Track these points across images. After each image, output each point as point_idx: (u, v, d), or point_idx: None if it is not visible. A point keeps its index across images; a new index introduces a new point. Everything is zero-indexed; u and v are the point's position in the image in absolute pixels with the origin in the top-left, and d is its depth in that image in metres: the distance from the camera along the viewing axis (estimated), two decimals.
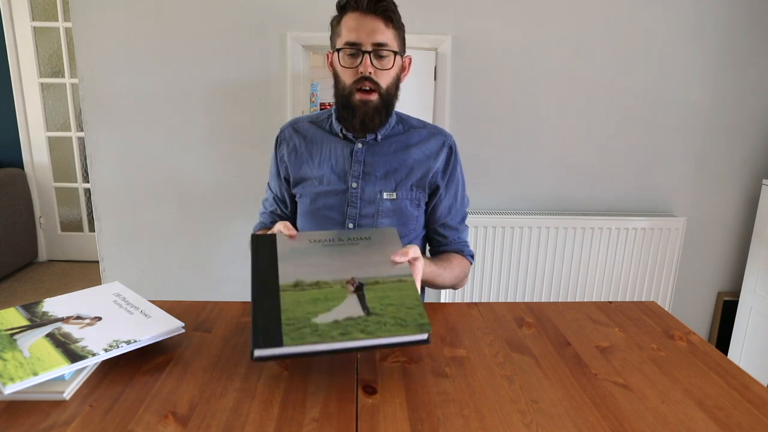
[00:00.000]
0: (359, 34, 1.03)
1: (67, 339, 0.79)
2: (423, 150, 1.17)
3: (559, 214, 2.02)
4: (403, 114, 1.21)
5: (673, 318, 1.05)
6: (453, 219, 1.22)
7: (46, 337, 0.80)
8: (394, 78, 1.10)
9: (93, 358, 0.76)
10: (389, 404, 0.73)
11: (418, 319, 0.76)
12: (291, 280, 0.81)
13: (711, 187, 2.10)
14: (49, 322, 0.84)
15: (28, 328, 0.82)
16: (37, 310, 0.88)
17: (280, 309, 0.76)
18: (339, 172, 1.16)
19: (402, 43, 1.11)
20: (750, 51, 1.97)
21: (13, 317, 0.85)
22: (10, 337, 0.79)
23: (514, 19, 1.90)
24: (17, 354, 0.75)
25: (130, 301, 0.93)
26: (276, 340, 0.71)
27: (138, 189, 2.00)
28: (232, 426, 0.67)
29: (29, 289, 2.95)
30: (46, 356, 0.75)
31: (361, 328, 0.74)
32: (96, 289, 0.97)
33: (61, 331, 0.82)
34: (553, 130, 2.01)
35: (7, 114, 3.15)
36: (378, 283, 0.82)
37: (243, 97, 1.93)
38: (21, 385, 0.70)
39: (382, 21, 1.04)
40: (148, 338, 0.83)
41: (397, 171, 1.16)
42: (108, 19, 1.85)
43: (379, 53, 1.05)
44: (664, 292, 2.09)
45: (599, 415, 0.71)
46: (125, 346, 0.80)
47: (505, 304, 1.08)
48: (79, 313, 0.88)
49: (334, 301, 0.78)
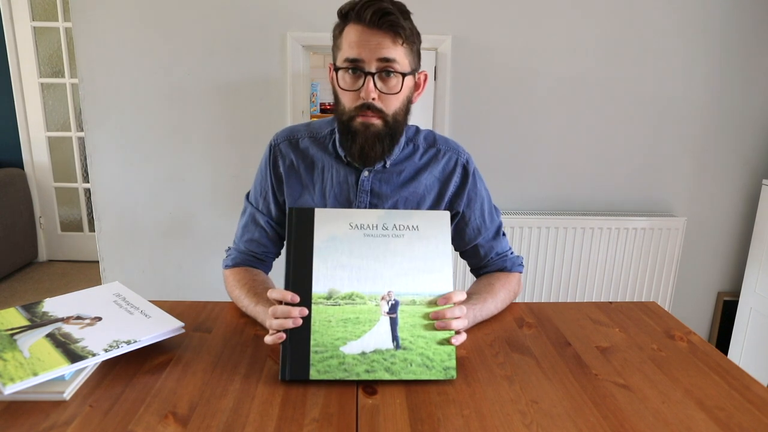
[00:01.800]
0: (362, 51, 0.89)
1: (67, 339, 0.79)
2: (434, 173, 1.05)
3: (559, 214, 2.02)
4: (410, 129, 1.07)
5: (673, 318, 1.04)
6: (485, 237, 1.10)
7: (46, 337, 0.80)
8: (403, 101, 0.95)
9: (93, 358, 0.76)
10: (389, 404, 0.73)
11: (445, 361, 0.77)
12: (325, 289, 0.80)
13: (711, 187, 2.10)
14: (49, 323, 0.84)
15: (28, 328, 0.82)
16: (37, 311, 0.88)
17: (310, 330, 0.77)
18: (343, 203, 1.03)
19: (416, 59, 0.96)
20: (750, 51, 1.97)
21: (13, 317, 0.85)
22: (10, 337, 0.79)
23: (514, 20, 1.90)
24: (17, 354, 0.75)
25: (130, 301, 0.93)
26: (303, 372, 0.76)
27: (138, 189, 1.99)
28: (232, 426, 0.67)
29: (29, 289, 2.95)
30: (47, 356, 0.75)
31: (386, 366, 0.76)
32: (96, 290, 0.97)
33: (61, 331, 0.82)
34: (553, 130, 2.01)
35: (7, 114, 3.15)
36: (414, 303, 0.80)
37: (243, 97, 1.93)
38: (21, 386, 0.70)
39: (390, 37, 0.89)
40: (148, 338, 0.83)
41: (408, 200, 1.04)
42: (108, 19, 1.85)
43: (385, 72, 0.90)
44: (664, 292, 2.09)
45: (599, 416, 0.71)
46: (125, 347, 0.79)
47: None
48: (79, 313, 0.88)
49: (366, 324, 0.78)
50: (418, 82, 1.00)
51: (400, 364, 0.76)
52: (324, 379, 0.75)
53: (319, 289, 0.79)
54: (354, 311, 0.79)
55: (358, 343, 0.77)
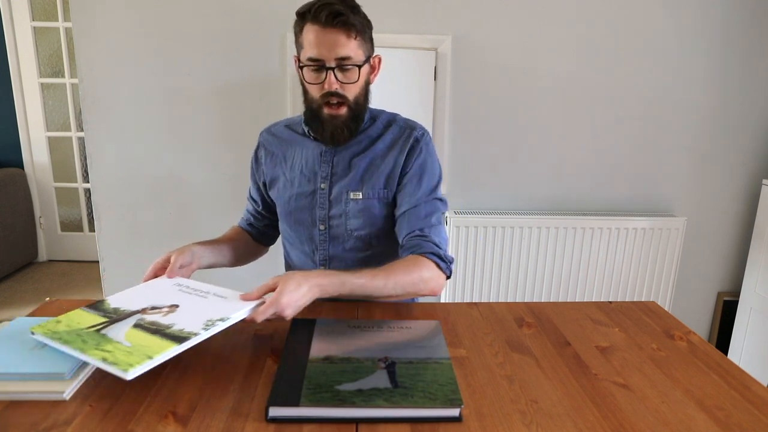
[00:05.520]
0: (321, 50, 1.00)
1: (157, 326, 0.79)
2: (387, 144, 1.13)
3: (559, 214, 2.02)
4: (375, 109, 1.17)
5: (673, 318, 1.05)
6: (415, 212, 1.08)
7: (134, 327, 0.79)
8: (362, 86, 1.07)
9: (197, 337, 0.76)
10: None
11: (449, 395, 0.71)
12: (321, 354, 0.81)
13: (711, 187, 2.10)
14: (127, 315, 0.83)
15: (110, 323, 0.81)
16: (106, 308, 0.87)
17: (304, 376, 0.75)
18: (309, 174, 1.15)
19: (369, 46, 1.07)
20: (750, 51, 1.97)
21: (86, 317, 0.83)
22: (97, 332, 0.78)
23: (514, 19, 1.90)
24: (117, 345, 0.74)
25: (196, 288, 0.93)
26: (293, 400, 0.69)
27: (138, 189, 1.99)
28: (232, 426, 0.67)
29: (29, 289, 2.95)
30: (150, 342, 0.74)
31: (385, 398, 0.70)
32: (153, 283, 0.97)
33: (145, 321, 0.81)
34: (553, 130, 2.01)
35: (7, 114, 3.15)
36: (412, 363, 0.79)
37: (243, 97, 1.93)
38: (141, 369, 0.69)
39: (344, 33, 1.00)
40: (239, 314, 0.83)
41: (365, 170, 1.12)
42: (108, 19, 1.85)
43: (343, 67, 1.02)
44: (664, 292, 2.09)
45: (599, 415, 0.71)
46: (221, 324, 0.80)
47: (505, 304, 1.08)
48: (152, 304, 0.87)
49: (363, 373, 0.75)
50: (374, 65, 1.12)
51: (400, 397, 0.70)
52: (315, 406, 0.68)
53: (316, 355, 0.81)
54: (351, 366, 0.78)
55: (355, 383, 0.73)
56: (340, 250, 1.16)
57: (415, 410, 0.69)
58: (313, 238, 1.17)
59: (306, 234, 1.18)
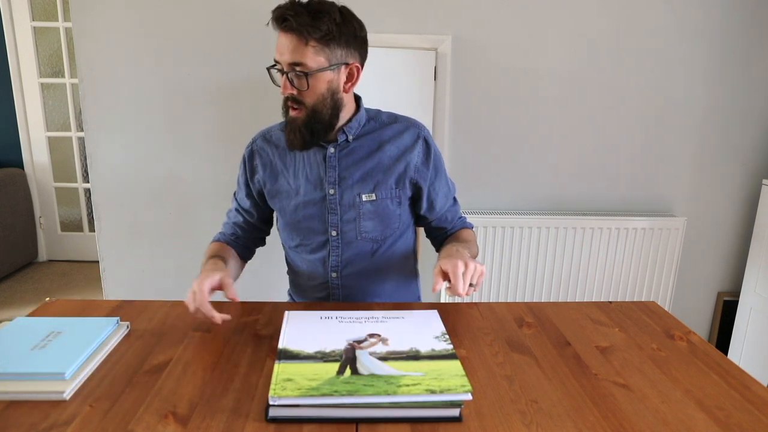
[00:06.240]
0: (278, 55, 1.00)
1: (398, 353, 0.78)
2: (397, 145, 1.12)
3: (559, 214, 2.02)
4: (372, 110, 1.16)
5: (673, 318, 1.05)
6: (450, 203, 1.23)
7: (380, 360, 0.76)
8: (322, 94, 1.01)
9: (451, 347, 0.81)
10: None
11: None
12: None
13: (711, 187, 2.10)
14: (353, 350, 0.79)
15: (344, 364, 0.75)
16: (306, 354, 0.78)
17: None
18: (314, 181, 1.11)
19: (338, 53, 1.00)
20: (750, 51, 1.97)
21: (307, 368, 0.74)
22: (351, 375, 0.73)
23: (515, 19, 1.90)
24: (390, 378, 0.71)
25: (358, 316, 0.92)
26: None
27: (138, 189, 1.99)
28: (232, 426, 0.67)
29: (29, 289, 2.95)
30: (432, 366, 0.75)
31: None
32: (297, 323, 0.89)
33: (378, 353, 0.78)
34: (553, 130, 2.01)
35: (7, 114, 3.15)
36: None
37: (243, 97, 1.93)
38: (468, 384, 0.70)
39: (296, 39, 0.96)
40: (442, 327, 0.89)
41: (374, 171, 1.11)
42: (108, 19, 1.85)
43: (296, 73, 0.99)
44: (664, 292, 2.09)
45: (599, 415, 0.71)
46: (441, 324, 0.89)
47: (505, 304, 1.08)
48: (349, 339, 0.83)
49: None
50: (352, 72, 1.04)
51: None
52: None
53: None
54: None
55: None
56: (352, 254, 1.15)
57: (415, 410, 0.69)
58: (325, 244, 1.15)
59: (317, 241, 1.15)
